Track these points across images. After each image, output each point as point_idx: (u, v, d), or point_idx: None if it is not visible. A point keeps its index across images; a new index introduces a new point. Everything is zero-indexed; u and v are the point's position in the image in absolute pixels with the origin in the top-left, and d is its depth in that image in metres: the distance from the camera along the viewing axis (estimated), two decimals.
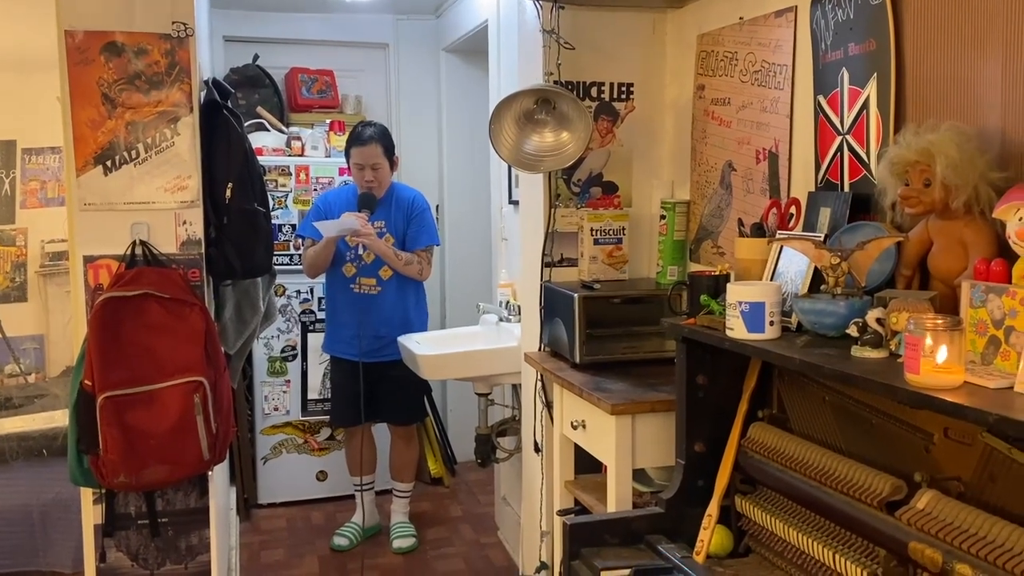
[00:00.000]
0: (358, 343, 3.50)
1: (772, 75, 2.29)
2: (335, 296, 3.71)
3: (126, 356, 2.30)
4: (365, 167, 3.54)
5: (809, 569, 1.71)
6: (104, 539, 2.46)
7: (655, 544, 1.89)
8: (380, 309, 3.61)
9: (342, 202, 3.65)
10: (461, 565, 3.62)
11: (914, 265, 1.69)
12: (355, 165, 3.57)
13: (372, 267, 3.61)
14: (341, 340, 3.68)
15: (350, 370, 3.57)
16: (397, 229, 3.64)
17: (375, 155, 3.54)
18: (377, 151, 3.54)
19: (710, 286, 1.97)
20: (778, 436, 1.84)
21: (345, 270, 3.64)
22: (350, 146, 3.60)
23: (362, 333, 3.51)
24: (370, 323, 3.57)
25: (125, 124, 2.39)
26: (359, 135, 3.58)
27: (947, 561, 1.38)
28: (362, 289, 3.61)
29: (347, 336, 3.63)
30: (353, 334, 3.55)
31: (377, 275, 3.61)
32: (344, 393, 3.70)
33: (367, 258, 3.59)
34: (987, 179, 1.54)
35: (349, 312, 3.61)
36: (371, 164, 3.53)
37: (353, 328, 3.55)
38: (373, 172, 3.54)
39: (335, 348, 3.74)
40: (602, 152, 2.83)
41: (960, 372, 1.32)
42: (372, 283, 3.62)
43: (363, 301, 3.59)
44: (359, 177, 3.57)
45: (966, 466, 1.47)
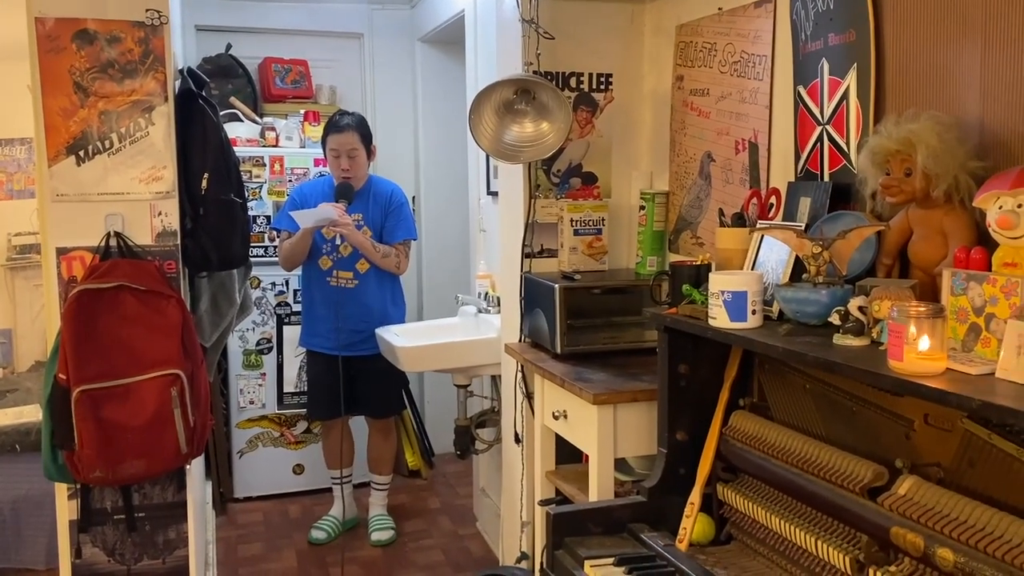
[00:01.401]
0: (335, 336, 3.47)
1: (751, 66, 2.30)
2: (311, 289, 3.65)
3: (101, 349, 2.26)
4: (341, 154, 3.48)
5: (791, 556, 1.73)
6: (80, 535, 2.42)
7: (638, 533, 1.90)
8: (357, 302, 3.56)
9: (318, 194, 3.59)
10: (440, 557, 3.61)
11: (895, 254, 1.71)
12: (331, 152, 3.51)
13: (349, 260, 3.56)
14: (317, 334, 3.63)
15: (327, 364, 3.54)
16: (375, 222, 3.59)
17: (352, 142, 3.49)
18: (354, 139, 3.50)
19: (692, 276, 1.98)
20: (759, 424, 1.86)
21: (321, 263, 3.58)
22: (327, 134, 3.55)
23: (340, 327, 3.47)
24: (347, 317, 3.53)
25: (98, 114, 2.35)
26: (336, 123, 3.53)
27: (929, 546, 1.39)
28: (339, 282, 3.56)
29: (324, 330, 3.58)
30: (330, 328, 3.52)
31: (354, 268, 3.57)
32: (321, 387, 3.66)
33: (344, 251, 3.54)
34: (967, 168, 1.55)
35: (325, 305, 3.56)
36: (347, 151, 3.48)
37: (330, 322, 3.52)
38: (350, 160, 3.49)
39: (312, 342, 3.69)
40: (581, 143, 2.83)
41: (942, 359, 1.33)
42: (349, 276, 3.57)
43: (340, 294, 3.54)
44: (335, 165, 3.52)
45: (946, 452, 1.48)
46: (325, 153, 3.58)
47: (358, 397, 3.64)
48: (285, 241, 3.55)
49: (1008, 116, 1.55)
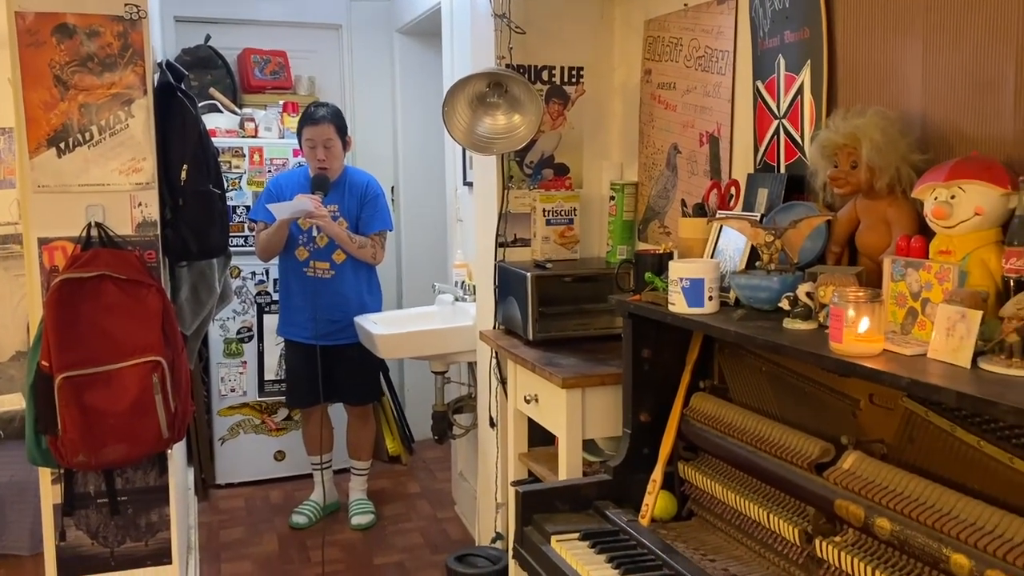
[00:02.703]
0: (312, 326, 3.54)
1: (715, 61, 2.38)
2: (288, 280, 3.71)
3: (83, 337, 2.31)
4: (317, 145, 3.52)
5: (747, 529, 1.82)
6: (64, 518, 2.48)
7: (603, 509, 1.99)
8: (334, 293, 3.61)
9: (294, 184, 3.63)
10: (419, 539, 3.70)
11: (843, 242, 1.80)
12: (307, 143, 3.55)
13: (325, 251, 3.60)
14: (295, 323, 3.69)
15: (305, 353, 3.61)
16: (350, 213, 3.63)
17: (328, 133, 3.53)
18: (330, 130, 3.53)
19: (654, 264, 2.06)
20: (718, 405, 1.95)
21: (298, 254, 3.62)
22: (302, 125, 3.59)
23: (317, 316, 3.54)
24: (324, 307, 3.57)
25: (78, 106, 2.39)
26: (311, 114, 3.57)
27: (868, 516, 1.49)
28: (316, 273, 3.61)
29: (301, 319, 3.64)
30: (307, 317, 3.58)
31: (331, 259, 3.61)
32: (300, 376, 3.72)
33: (320, 242, 3.58)
34: (909, 161, 1.64)
35: (302, 296, 3.61)
36: (323, 142, 3.52)
37: (307, 311, 3.57)
38: (326, 151, 3.53)
39: (289, 331, 3.75)
40: (553, 135, 2.90)
41: (880, 341, 1.42)
42: (325, 267, 3.61)
43: (316, 285, 3.59)
44: (311, 156, 3.56)
45: (889, 429, 1.58)
46: (300, 144, 3.63)
47: (336, 385, 3.70)
48: (262, 232, 3.59)
49: (947, 112, 1.64)
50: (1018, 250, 1.36)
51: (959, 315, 1.32)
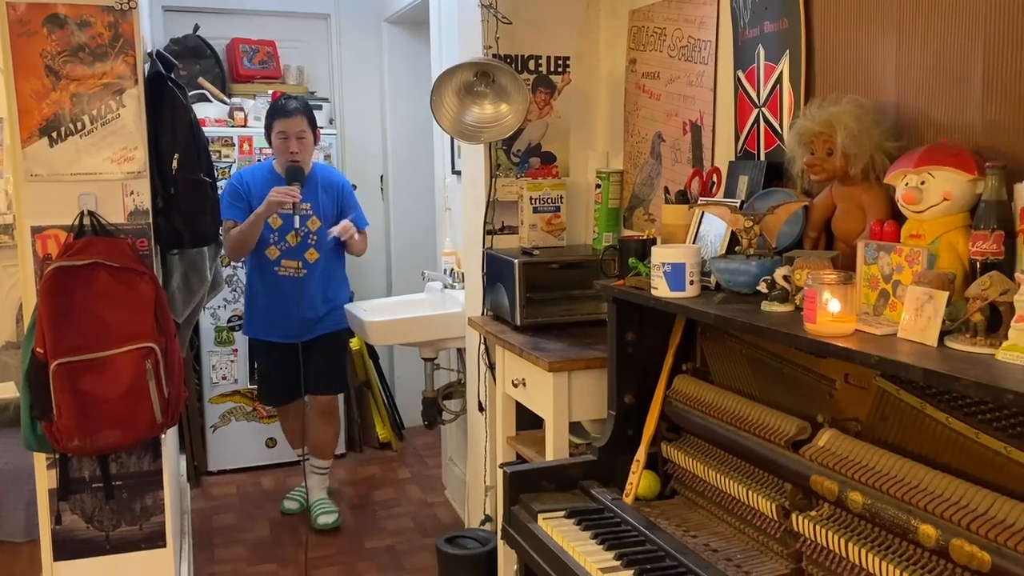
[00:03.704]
0: (287, 326, 3.55)
1: (698, 50, 2.43)
2: (256, 280, 3.63)
3: (77, 324, 2.35)
4: (290, 137, 3.47)
5: (727, 506, 1.88)
6: (59, 503, 2.52)
7: (588, 489, 2.04)
8: (307, 291, 3.57)
9: (260, 180, 3.56)
10: (409, 524, 3.75)
11: (820, 227, 1.85)
12: (279, 135, 3.49)
13: (298, 249, 3.56)
14: (270, 323, 3.63)
15: (281, 352, 3.61)
16: (326, 211, 3.59)
17: (301, 125, 3.49)
18: (303, 122, 3.50)
19: (638, 250, 2.11)
20: (700, 387, 2.00)
21: (268, 253, 3.56)
22: (273, 118, 3.53)
23: (292, 316, 3.53)
24: (300, 306, 3.55)
25: (70, 96, 2.42)
26: (283, 107, 3.53)
27: (842, 490, 1.54)
28: (287, 272, 3.56)
29: (276, 319, 3.59)
30: (282, 317, 3.56)
31: (303, 258, 3.56)
32: (276, 374, 3.69)
33: (292, 240, 3.53)
34: (882, 148, 1.69)
35: (274, 296, 3.57)
36: (296, 134, 3.48)
37: (279, 311, 3.56)
38: (299, 142, 3.49)
39: (261, 332, 3.69)
40: (540, 123, 2.95)
41: (852, 321, 1.48)
42: (297, 266, 3.56)
43: (288, 284, 3.56)
44: (283, 148, 3.49)
45: (863, 408, 1.63)
46: (270, 138, 3.57)
47: (305, 375, 3.67)
48: (233, 230, 3.48)
49: (918, 101, 1.69)
50: (984, 233, 1.41)
51: (927, 296, 1.38)
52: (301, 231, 3.52)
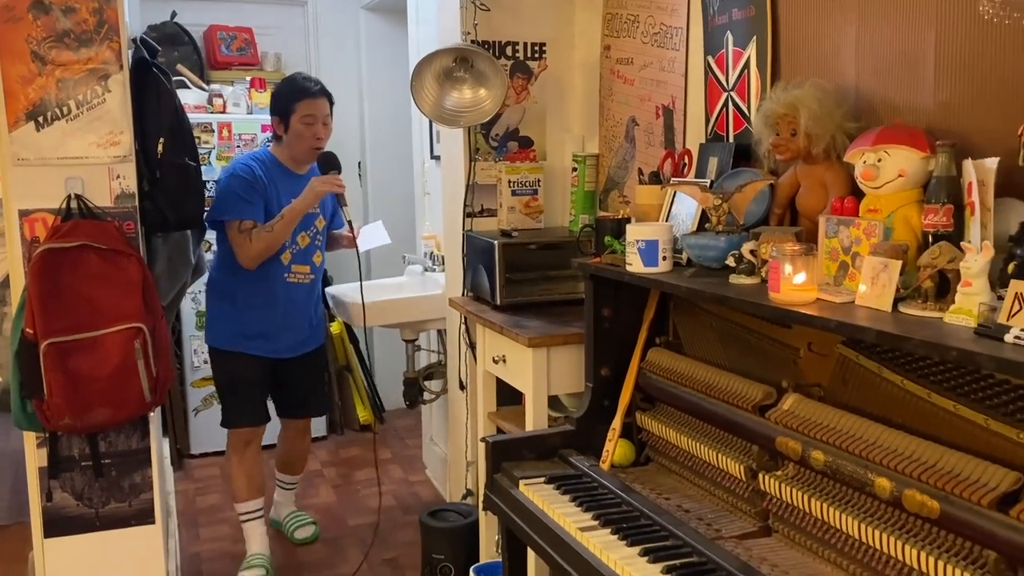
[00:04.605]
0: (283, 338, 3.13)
1: (669, 37, 2.51)
2: (262, 288, 3.06)
3: (67, 305, 2.40)
4: (317, 121, 3.02)
5: (698, 470, 1.98)
6: (50, 481, 2.57)
7: (567, 457, 2.13)
8: (310, 298, 3.20)
9: (276, 170, 3.06)
10: (391, 501, 3.83)
11: (785, 205, 1.95)
12: (304, 119, 2.99)
13: (306, 253, 3.12)
14: (263, 336, 3.11)
15: (263, 367, 3.14)
16: (325, 208, 3.19)
17: (327, 109, 3.07)
18: (327, 106, 3.09)
19: (613, 228, 2.20)
20: (673, 358, 2.10)
21: (283, 257, 3.07)
22: (295, 99, 3.01)
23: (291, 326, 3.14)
24: (302, 315, 3.17)
25: (56, 81, 2.46)
26: (308, 88, 3.04)
27: (805, 450, 1.65)
28: (296, 278, 3.12)
29: (272, 332, 3.11)
30: (280, 329, 3.11)
31: (311, 261, 3.15)
32: (253, 391, 3.17)
33: (302, 242, 3.09)
34: (843, 129, 1.79)
35: (278, 306, 3.09)
36: (323, 118, 3.05)
37: (278, 322, 3.11)
38: (324, 129, 3.06)
39: (250, 346, 3.11)
40: (517, 108, 3.02)
41: (813, 290, 1.58)
42: (306, 271, 3.14)
43: (296, 292, 3.12)
44: (308, 133, 3.00)
45: (825, 373, 1.73)
46: (287, 118, 3.02)
47: (293, 398, 3.29)
48: (260, 231, 2.95)
49: (876, 83, 1.80)
50: (935, 207, 1.51)
51: (882, 265, 1.48)
52: (311, 231, 3.12)
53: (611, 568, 1.63)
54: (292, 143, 3.05)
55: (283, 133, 3.05)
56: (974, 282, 1.33)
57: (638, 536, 1.72)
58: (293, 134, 3.03)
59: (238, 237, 2.95)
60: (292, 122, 3.02)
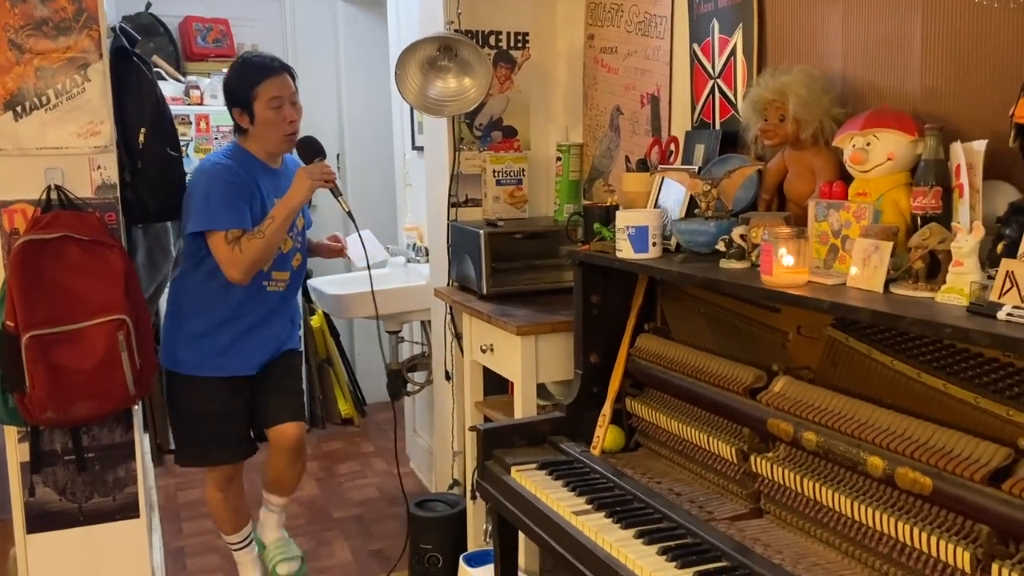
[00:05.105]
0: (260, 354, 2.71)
1: (654, 25, 2.52)
2: (238, 301, 2.63)
3: (48, 297, 2.36)
4: (285, 102, 2.58)
5: (689, 454, 1.99)
6: (32, 476, 2.54)
7: (557, 443, 2.14)
8: (288, 307, 2.80)
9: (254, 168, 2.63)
10: (375, 493, 3.83)
11: (772, 190, 1.97)
12: (271, 102, 2.55)
13: (287, 257, 2.70)
14: (238, 355, 2.67)
15: (235, 388, 2.69)
16: (304, 208, 2.74)
17: (292, 86, 2.63)
18: (291, 82, 2.64)
19: (602, 216, 2.21)
20: (662, 344, 2.11)
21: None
22: (258, 79, 2.56)
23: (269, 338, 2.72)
24: (277, 325, 2.75)
25: (34, 70, 2.42)
26: (266, 65, 2.60)
27: (797, 431, 1.67)
28: (276, 287, 2.69)
29: (247, 349, 2.69)
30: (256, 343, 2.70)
31: (290, 266, 2.72)
32: (227, 419, 2.72)
33: (284, 246, 2.66)
34: (830, 114, 1.81)
35: (258, 318, 2.68)
36: (290, 96, 2.61)
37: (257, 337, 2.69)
38: (293, 109, 2.62)
39: (222, 365, 2.66)
40: (501, 98, 3.02)
41: (804, 273, 1.59)
42: (285, 277, 2.72)
43: (275, 301, 2.71)
44: (277, 118, 2.56)
45: (814, 357, 1.76)
46: (249, 106, 2.58)
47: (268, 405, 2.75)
48: (252, 238, 2.51)
49: (862, 69, 1.82)
50: (924, 190, 1.53)
51: (873, 247, 1.50)
52: (292, 233, 2.69)
53: (606, 551, 1.64)
54: (262, 134, 2.60)
55: (248, 125, 2.59)
56: (965, 262, 1.35)
57: (632, 519, 1.73)
58: (261, 123, 2.58)
59: (225, 249, 2.51)
60: (257, 109, 2.57)
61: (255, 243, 2.51)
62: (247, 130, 2.63)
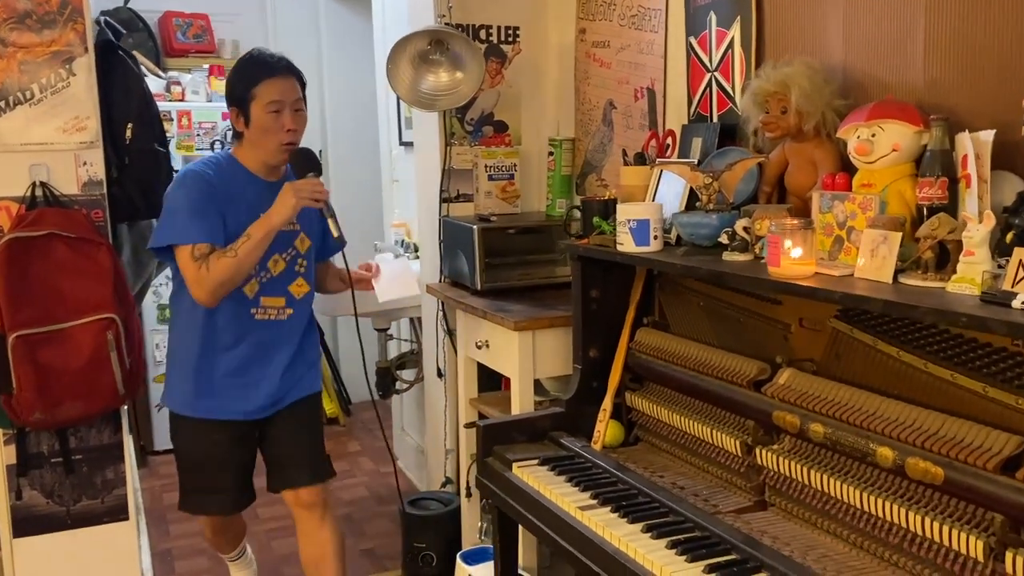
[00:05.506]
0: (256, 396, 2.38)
1: (647, 19, 2.52)
2: (222, 329, 2.34)
3: (35, 295, 2.31)
4: (285, 107, 2.26)
5: (690, 447, 1.99)
6: (18, 479, 2.49)
7: (558, 439, 2.13)
8: (289, 340, 2.41)
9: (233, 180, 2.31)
10: (364, 492, 3.80)
11: (773, 183, 1.97)
12: (269, 106, 2.24)
13: (280, 281, 2.37)
14: (229, 396, 2.37)
15: (236, 435, 2.41)
16: (311, 223, 2.42)
17: (297, 91, 2.32)
18: (298, 87, 2.33)
19: (600, 209, 2.20)
20: (662, 338, 2.11)
21: (246, 289, 2.32)
22: (257, 78, 2.26)
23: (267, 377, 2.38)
24: (278, 362, 2.39)
25: (18, 64, 2.37)
26: (268, 64, 2.30)
27: (803, 423, 1.67)
28: (267, 315, 2.36)
29: (239, 388, 2.37)
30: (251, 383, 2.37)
31: (287, 292, 2.38)
32: (226, 468, 2.44)
33: (274, 268, 2.34)
34: (832, 106, 1.81)
35: (245, 349, 2.35)
36: (292, 103, 2.28)
37: (251, 374, 2.37)
38: (295, 117, 2.28)
39: (219, 409, 2.38)
40: (492, 93, 3.01)
41: (812, 264, 1.59)
42: (280, 304, 2.37)
43: (267, 332, 2.37)
44: (274, 125, 2.25)
45: (817, 349, 1.76)
46: (246, 107, 2.27)
47: (279, 462, 2.48)
48: (222, 256, 2.20)
49: (864, 61, 1.82)
50: (930, 180, 1.54)
51: (882, 238, 1.50)
52: (288, 253, 2.37)
53: (615, 545, 1.63)
54: (257, 140, 2.29)
55: (244, 128, 2.30)
56: (976, 251, 1.36)
57: (639, 513, 1.72)
58: (257, 128, 2.27)
59: (191, 266, 2.22)
60: (253, 112, 2.26)
61: (224, 262, 2.20)
62: (242, 134, 2.32)
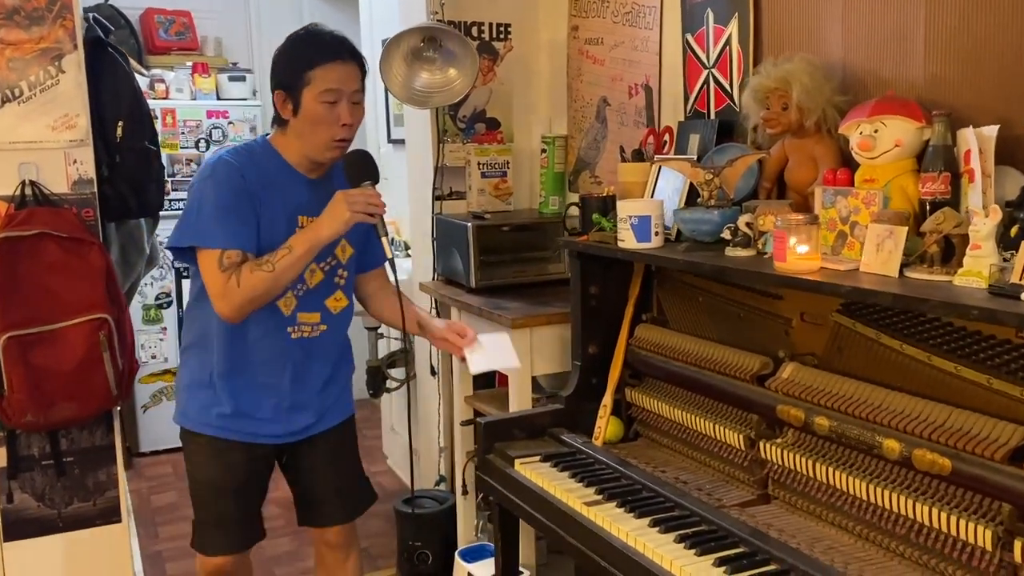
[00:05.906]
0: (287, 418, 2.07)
1: (642, 16, 2.52)
2: (254, 348, 2.01)
3: (26, 296, 2.29)
4: (343, 98, 1.91)
5: (692, 442, 2.00)
6: (9, 482, 2.45)
7: (558, 435, 2.13)
8: (323, 358, 2.11)
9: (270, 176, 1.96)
10: None
11: (774, 179, 1.98)
12: (324, 95, 1.89)
13: (317, 296, 2.05)
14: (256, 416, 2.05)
15: (258, 460, 2.12)
16: (355, 233, 2.03)
17: (357, 81, 1.95)
18: (359, 76, 1.96)
19: (600, 206, 2.20)
20: (662, 333, 2.11)
21: (283, 305, 2.00)
22: (315, 61, 1.90)
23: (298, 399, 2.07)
24: (311, 383, 2.09)
25: (6, 61, 2.34)
26: (330, 47, 1.93)
27: (808, 416, 1.68)
28: (301, 333, 2.05)
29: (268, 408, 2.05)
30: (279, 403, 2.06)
31: (323, 307, 2.07)
32: (240, 497, 2.13)
33: (311, 281, 2.03)
34: (833, 103, 1.83)
35: (279, 370, 2.04)
36: (351, 94, 1.93)
37: (281, 394, 2.05)
38: (352, 110, 1.93)
39: (246, 431, 2.05)
40: (484, 90, 3.00)
41: (817, 259, 1.60)
42: (315, 320, 2.06)
43: (301, 350, 2.05)
44: (329, 116, 1.90)
45: (819, 343, 1.77)
46: (296, 93, 1.91)
47: (311, 496, 2.24)
48: (257, 269, 1.87)
49: (864, 57, 1.84)
50: (932, 175, 1.55)
51: (887, 232, 1.52)
52: (328, 263, 2.05)
53: (623, 540, 1.63)
54: (304, 132, 1.93)
55: (290, 116, 1.94)
56: (983, 245, 1.37)
57: (645, 508, 1.73)
58: (306, 118, 1.92)
59: (218, 276, 1.88)
60: (305, 99, 1.90)
61: (259, 276, 1.87)
62: (287, 122, 1.96)
